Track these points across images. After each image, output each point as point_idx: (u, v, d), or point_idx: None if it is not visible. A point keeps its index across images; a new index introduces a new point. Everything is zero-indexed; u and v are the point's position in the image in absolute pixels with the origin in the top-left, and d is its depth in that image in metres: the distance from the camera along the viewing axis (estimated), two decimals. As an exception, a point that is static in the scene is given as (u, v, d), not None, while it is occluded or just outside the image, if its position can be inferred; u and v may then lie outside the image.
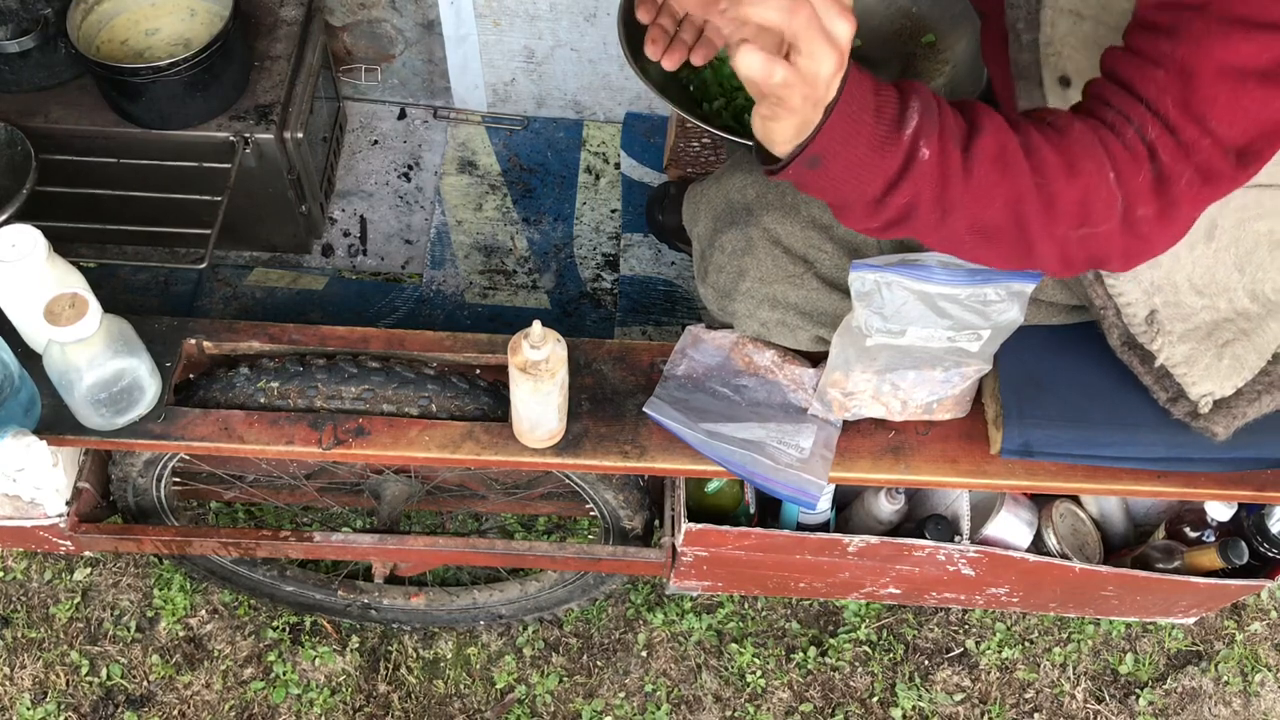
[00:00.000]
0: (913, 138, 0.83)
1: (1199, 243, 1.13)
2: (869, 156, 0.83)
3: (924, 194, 0.86)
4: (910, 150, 0.84)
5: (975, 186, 0.86)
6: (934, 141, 0.84)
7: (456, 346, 1.36)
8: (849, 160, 0.83)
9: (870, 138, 0.83)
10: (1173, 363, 1.19)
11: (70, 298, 1.12)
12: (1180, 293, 1.16)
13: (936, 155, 0.84)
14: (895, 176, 0.85)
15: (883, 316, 1.17)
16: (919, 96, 0.85)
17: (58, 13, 1.41)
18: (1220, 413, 1.20)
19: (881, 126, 0.83)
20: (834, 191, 0.86)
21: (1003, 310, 1.16)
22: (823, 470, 1.26)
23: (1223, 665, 2.00)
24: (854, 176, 0.85)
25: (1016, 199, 0.88)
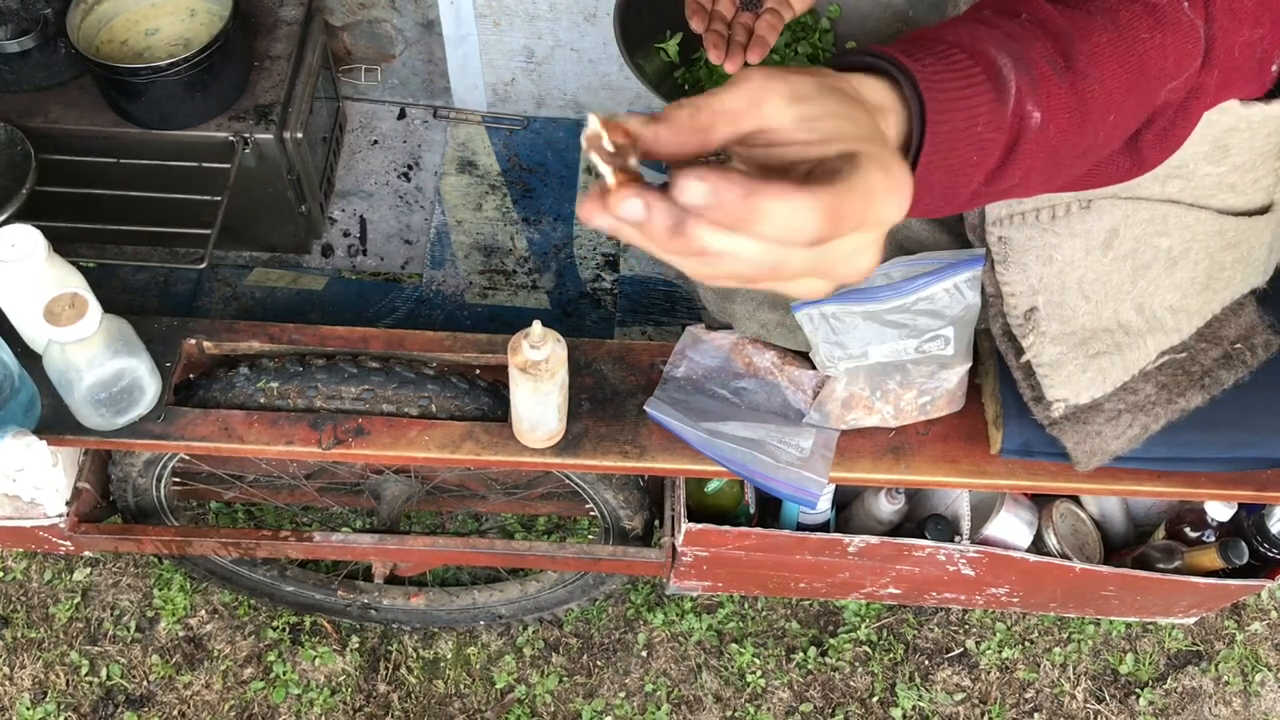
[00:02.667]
0: (1017, 107, 0.63)
1: (1096, 249, 1.13)
2: (971, 155, 0.63)
3: (1036, 160, 0.66)
4: (1018, 123, 0.63)
5: (1090, 107, 0.67)
6: (1041, 95, 0.63)
7: (456, 346, 1.36)
8: (948, 172, 0.63)
9: (971, 136, 0.62)
10: (1039, 362, 1.18)
11: (70, 298, 1.12)
12: (1067, 293, 1.15)
13: (1047, 109, 0.64)
14: (1003, 157, 0.65)
15: (842, 346, 1.18)
16: (998, 46, 0.63)
17: (57, 13, 1.41)
18: (1074, 424, 1.20)
19: (980, 117, 0.61)
20: (929, 200, 0.65)
21: (956, 303, 1.17)
22: (823, 469, 1.26)
23: (1223, 665, 2.00)
24: (951, 186, 0.64)
25: (1129, 87, 0.69)
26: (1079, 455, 1.21)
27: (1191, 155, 1.08)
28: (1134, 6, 0.69)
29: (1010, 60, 0.62)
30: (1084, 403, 1.19)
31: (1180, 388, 1.18)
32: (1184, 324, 1.18)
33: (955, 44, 0.63)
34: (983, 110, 0.61)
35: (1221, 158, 1.08)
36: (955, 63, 0.61)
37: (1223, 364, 1.19)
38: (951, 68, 0.61)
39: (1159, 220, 1.12)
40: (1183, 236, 1.13)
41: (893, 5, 1.41)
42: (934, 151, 0.60)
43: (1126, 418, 1.19)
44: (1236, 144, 1.07)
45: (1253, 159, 1.09)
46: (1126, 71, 0.68)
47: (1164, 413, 1.18)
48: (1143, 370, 1.19)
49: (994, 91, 0.62)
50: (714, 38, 1.19)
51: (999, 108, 0.62)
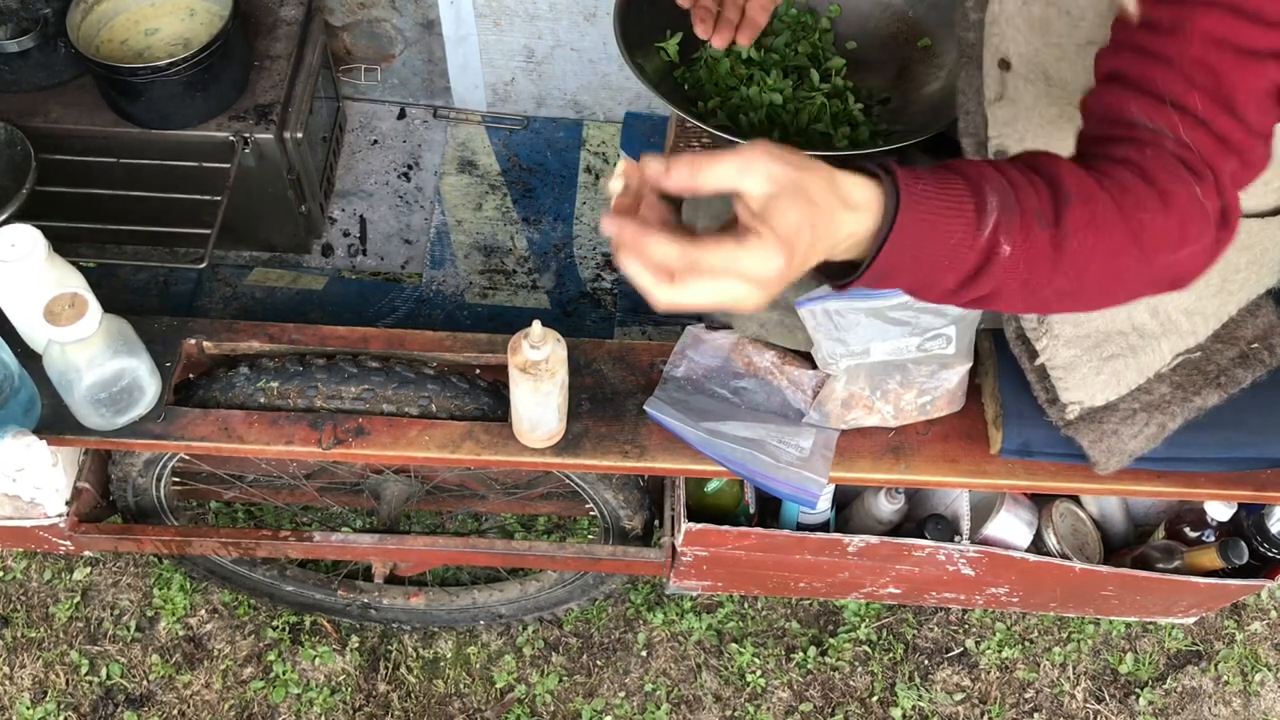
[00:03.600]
0: (991, 237, 0.78)
1: None
2: (942, 261, 0.79)
3: (1008, 283, 0.81)
4: (989, 250, 0.78)
5: (1068, 262, 0.81)
6: (1016, 234, 0.78)
7: (456, 346, 1.36)
8: (918, 269, 0.79)
9: (941, 246, 0.78)
10: (1053, 365, 1.19)
11: (70, 297, 1.12)
12: None
13: (1020, 247, 0.79)
14: (973, 273, 0.80)
15: (844, 343, 1.18)
16: (993, 186, 0.79)
17: (57, 12, 1.41)
18: (1089, 425, 1.20)
19: (953, 234, 0.77)
20: (904, 285, 0.83)
21: None
22: (823, 469, 1.26)
23: (1223, 665, 2.00)
24: (926, 280, 0.81)
25: (1114, 253, 0.83)
26: (1097, 455, 1.21)
27: None
28: (1145, 190, 0.82)
29: (999, 201, 0.78)
30: (1099, 405, 1.19)
31: (1196, 386, 1.18)
32: (1199, 326, 1.18)
33: (964, 176, 0.79)
34: (958, 228, 0.77)
35: None
36: (951, 188, 0.78)
37: (1239, 363, 1.19)
38: (944, 192, 0.77)
39: None
40: None
41: (893, 5, 1.41)
42: (900, 247, 0.76)
43: (1142, 416, 1.19)
44: None
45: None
46: (1114, 240, 0.81)
47: (1180, 411, 1.18)
48: (1157, 372, 1.19)
49: (975, 217, 0.77)
50: (701, 12, 1.20)
51: (975, 231, 0.77)
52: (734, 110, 1.32)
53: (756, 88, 1.32)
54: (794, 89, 1.33)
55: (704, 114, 1.32)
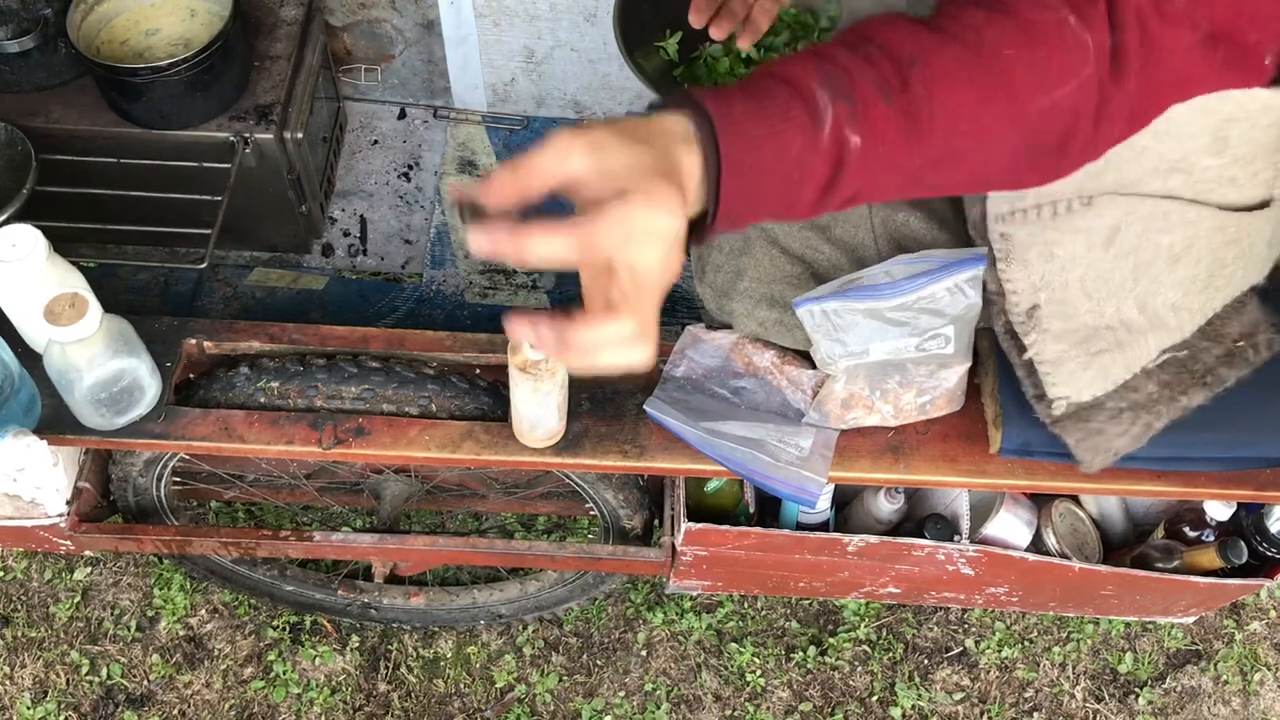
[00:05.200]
0: (834, 134, 0.70)
1: (1098, 246, 1.13)
2: (792, 177, 0.71)
3: (873, 174, 0.73)
4: (837, 148, 0.71)
5: (929, 128, 0.73)
6: (860, 120, 0.71)
7: (456, 346, 1.36)
8: (770, 194, 0.72)
9: (784, 163, 0.70)
10: (1041, 359, 1.18)
11: (70, 297, 1.12)
12: (1069, 290, 1.15)
13: (871, 132, 0.71)
14: (830, 177, 0.73)
15: (842, 344, 1.18)
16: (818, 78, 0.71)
17: (57, 13, 1.41)
18: (1076, 422, 1.20)
19: (792, 145, 0.70)
20: (767, 214, 0.75)
21: (957, 301, 1.17)
22: (823, 468, 1.26)
23: (1222, 664, 2.00)
24: (784, 201, 0.73)
25: (980, 104, 0.74)
26: (1082, 454, 1.21)
27: (1192, 148, 1.08)
28: (1002, 25, 0.74)
29: (830, 92, 0.70)
30: (1086, 400, 1.19)
31: (1182, 385, 1.18)
32: (1186, 322, 1.18)
33: (785, 79, 0.71)
34: (795, 138, 0.70)
35: (1221, 149, 1.08)
36: (770, 99, 0.70)
37: (1225, 362, 1.19)
38: (764, 106, 0.70)
39: (1160, 217, 1.12)
40: (1184, 233, 1.13)
41: (892, 7, 1.41)
42: (740, 180, 0.69)
43: (1128, 415, 1.19)
44: (1236, 135, 1.07)
45: (1253, 150, 1.09)
46: (977, 88, 0.73)
47: (1166, 410, 1.18)
48: (1144, 368, 1.19)
49: (809, 121, 0.70)
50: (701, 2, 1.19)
51: (813, 134, 0.70)
52: (733, 110, 1.32)
53: (756, 88, 1.32)
54: (793, 89, 1.33)
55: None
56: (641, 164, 0.66)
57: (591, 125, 0.68)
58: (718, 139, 0.69)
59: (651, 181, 0.65)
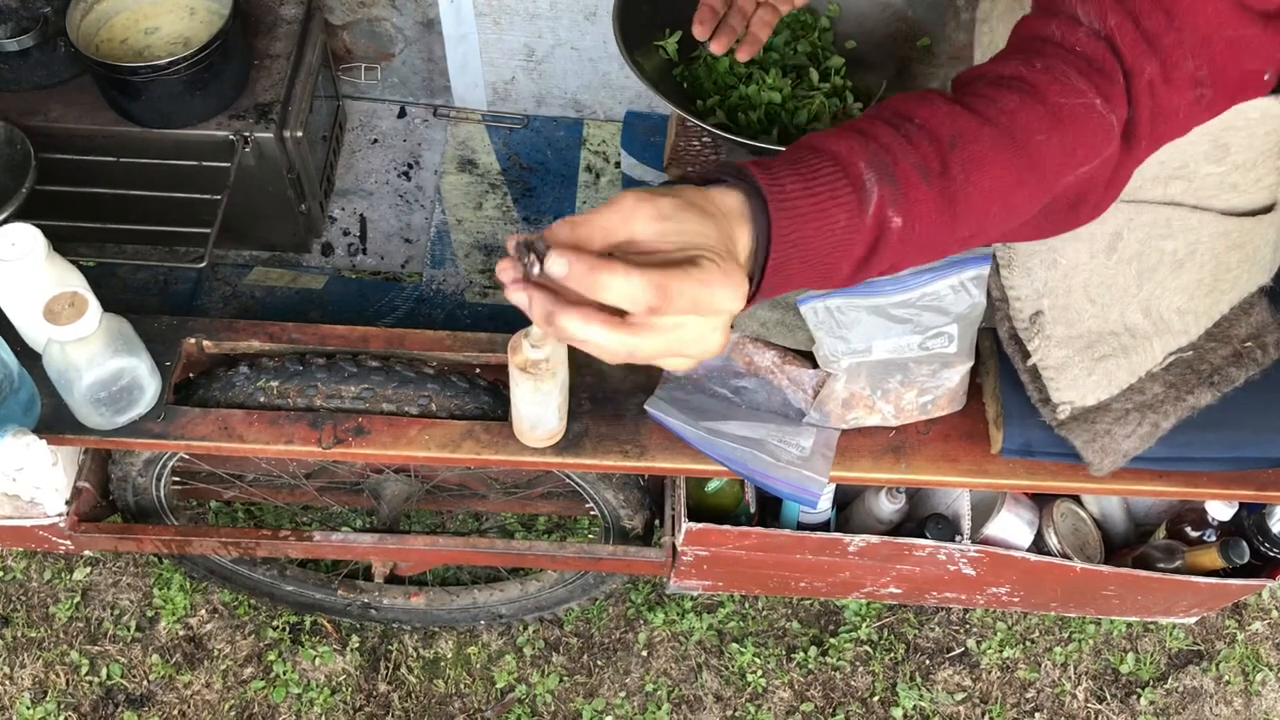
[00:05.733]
0: (877, 215, 0.72)
1: (1100, 253, 1.13)
2: (832, 253, 0.73)
3: (906, 252, 0.76)
4: (878, 228, 0.73)
5: (964, 210, 0.76)
6: (902, 202, 0.73)
7: (456, 346, 1.36)
8: (809, 268, 0.73)
9: (827, 240, 0.72)
10: (1045, 365, 1.18)
11: (70, 297, 1.12)
12: (1072, 296, 1.15)
13: (910, 214, 0.73)
14: (866, 254, 0.74)
15: (845, 341, 1.18)
16: (865, 157, 0.72)
17: (57, 11, 1.41)
18: (1082, 425, 1.20)
19: (837, 224, 0.71)
20: (802, 285, 0.76)
21: (961, 300, 1.17)
22: (824, 468, 1.26)
23: (1224, 665, 1.99)
24: (820, 274, 0.74)
25: (1012, 187, 0.77)
26: (1091, 456, 1.21)
27: (1192, 155, 1.08)
28: (1035, 110, 0.76)
29: (876, 174, 0.72)
30: (1090, 405, 1.19)
31: (1189, 385, 1.18)
32: (1191, 326, 1.18)
33: (832, 157, 0.72)
34: (841, 217, 0.71)
35: (1222, 157, 1.08)
36: (821, 177, 0.71)
37: (1232, 362, 1.18)
38: (813, 183, 0.71)
39: (1162, 223, 1.12)
40: (1187, 239, 1.13)
41: (892, 5, 1.40)
42: (785, 255, 0.71)
43: (1135, 416, 1.18)
44: (1236, 142, 1.07)
45: (1253, 157, 1.09)
46: (1013, 172, 0.75)
47: (1173, 410, 1.18)
48: (1149, 372, 1.19)
49: (855, 202, 0.71)
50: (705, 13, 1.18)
51: (858, 215, 0.72)
52: (733, 109, 1.32)
53: (755, 86, 1.32)
54: (793, 88, 1.33)
55: (703, 112, 1.31)
56: (709, 237, 0.67)
57: (656, 192, 0.67)
58: (770, 217, 0.70)
59: (726, 260, 0.66)
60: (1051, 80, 0.77)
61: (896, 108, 0.77)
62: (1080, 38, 0.78)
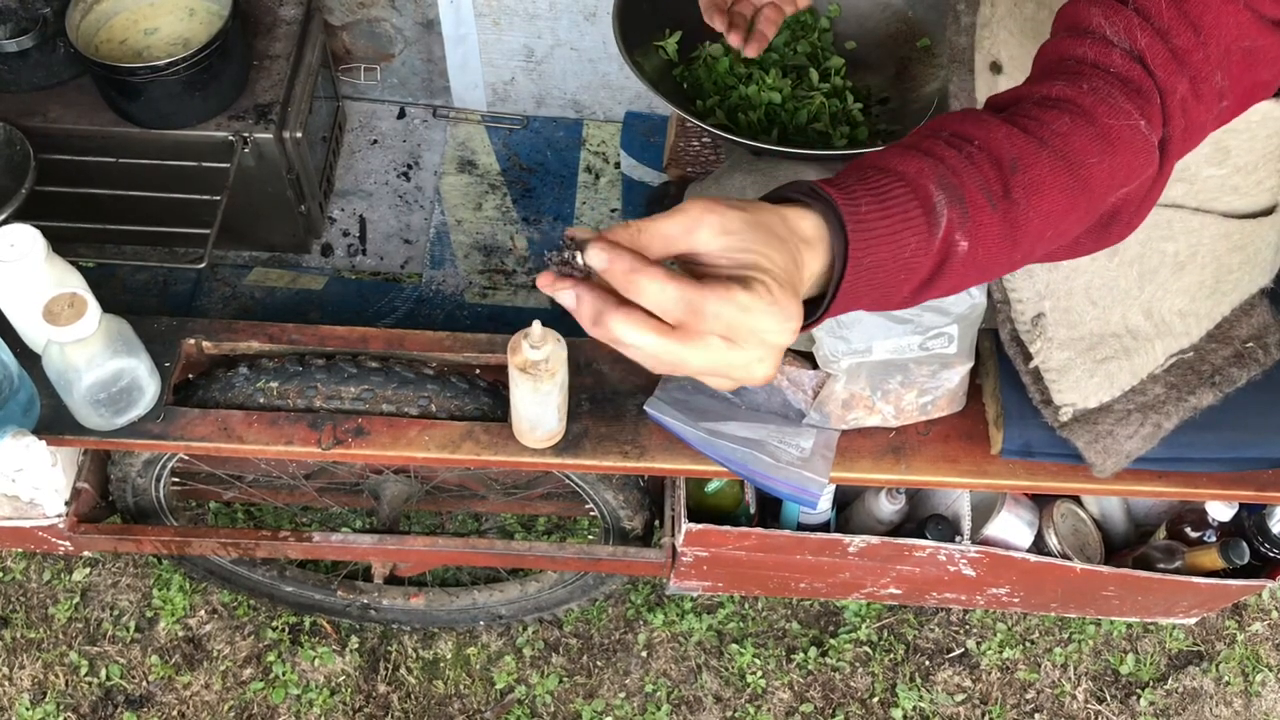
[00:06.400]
0: (945, 238, 0.71)
1: (1102, 255, 1.13)
2: (898, 275, 0.71)
3: (966, 276, 0.75)
4: (945, 252, 0.72)
5: (1021, 234, 0.75)
6: (970, 226, 0.71)
7: (456, 346, 1.36)
8: (875, 291, 0.71)
9: (896, 263, 0.70)
10: (1046, 367, 1.19)
11: (69, 297, 1.12)
12: (1074, 298, 1.16)
13: (975, 238, 0.72)
14: (929, 277, 0.73)
15: (846, 340, 1.18)
16: (935, 180, 0.71)
17: (56, 12, 1.41)
18: (1084, 426, 1.20)
19: (907, 248, 0.70)
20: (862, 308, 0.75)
21: (961, 301, 1.17)
22: (824, 469, 1.26)
23: (1224, 665, 1.99)
24: (883, 297, 0.73)
25: (1065, 211, 0.76)
26: (1093, 457, 1.21)
27: (1193, 159, 1.08)
28: (1086, 132, 0.75)
29: (946, 197, 0.70)
30: (1092, 406, 1.19)
31: (1190, 386, 1.18)
32: (1193, 327, 1.18)
33: (900, 177, 0.70)
34: (911, 241, 0.69)
35: (1223, 160, 1.08)
36: (892, 198, 0.69)
37: (1234, 362, 1.18)
38: (887, 206, 0.69)
39: (1164, 225, 1.12)
40: (1189, 241, 1.13)
41: (892, 5, 1.40)
42: (856, 278, 0.68)
43: (1137, 417, 1.18)
44: (1237, 145, 1.07)
45: (1254, 160, 1.09)
46: (1068, 195, 0.75)
47: (1175, 411, 1.18)
48: (1151, 373, 1.19)
49: (925, 226, 0.69)
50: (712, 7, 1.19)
51: (928, 239, 0.70)
52: (733, 109, 1.31)
53: (755, 87, 1.32)
54: (793, 88, 1.33)
55: (703, 113, 1.31)
56: (773, 261, 0.64)
57: (726, 204, 0.65)
58: (848, 240, 0.67)
59: (781, 288, 0.63)
60: (1098, 102, 0.76)
61: (952, 128, 0.75)
62: (1115, 59, 0.77)
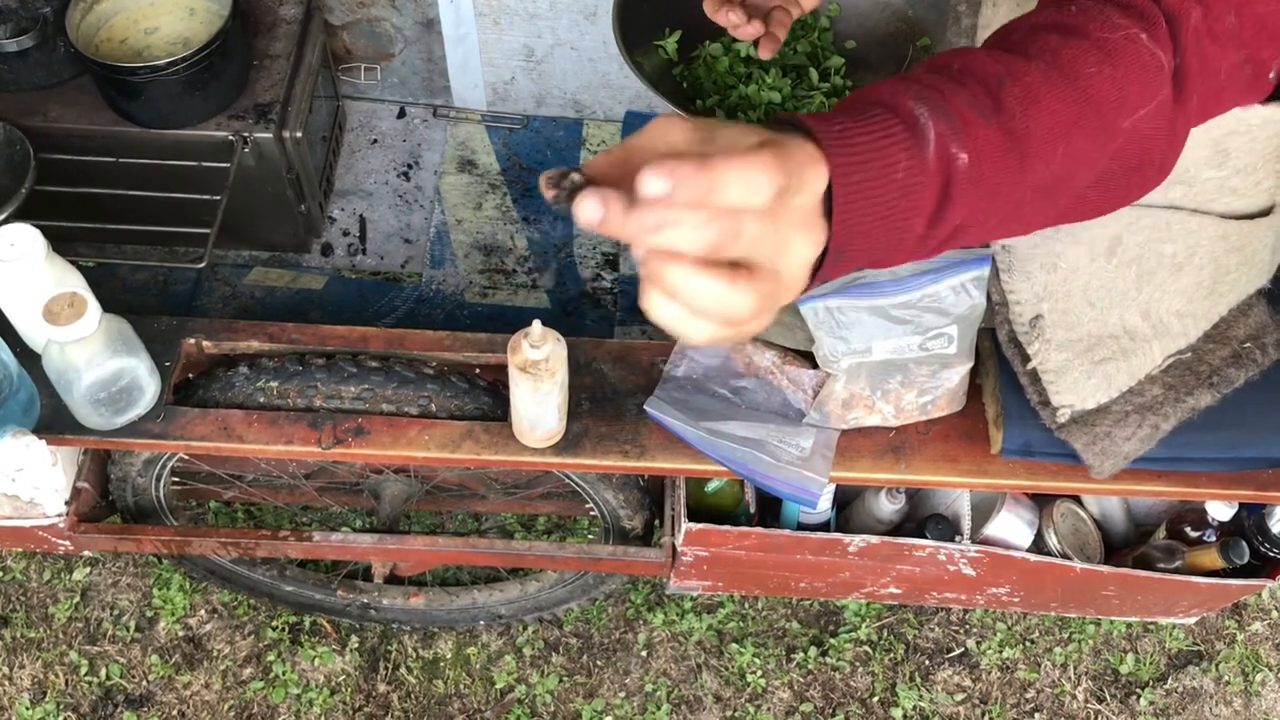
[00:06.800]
0: (939, 149, 0.65)
1: (1100, 256, 1.13)
2: (900, 202, 0.64)
3: (979, 200, 0.68)
4: (944, 165, 0.65)
5: (1028, 148, 0.68)
6: (964, 136, 0.66)
7: (456, 346, 1.36)
8: (878, 222, 0.64)
9: (891, 184, 0.63)
10: (1044, 368, 1.19)
11: (69, 297, 1.12)
12: (1072, 300, 1.15)
13: (975, 148, 0.66)
14: (938, 202, 0.66)
15: (845, 341, 1.18)
16: (914, 96, 0.65)
17: (56, 12, 1.41)
18: (1082, 428, 1.20)
19: (898, 164, 0.63)
20: (869, 257, 0.67)
21: (961, 301, 1.17)
22: (824, 468, 1.26)
23: (1224, 665, 1.99)
24: (893, 233, 0.66)
25: (1073, 124, 0.70)
26: (1091, 458, 1.21)
27: (1192, 160, 1.08)
28: (1079, 45, 0.71)
29: (928, 109, 0.65)
30: (1090, 408, 1.19)
31: (1188, 387, 1.18)
32: (1191, 328, 1.18)
33: (876, 102, 0.65)
34: (901, 157, 0.63)
35: (1222, 162, 1.08)
36: (871, 118, 0.63)
37: (1232, 363, 1.18)
38: (865, 124, 0.63)
39: (1162, 227, 1.12)
40: (1187, 242, 1.13)
41: (892, 4, 1.40)
42: (848, 198, 0.62)
43: (1135, 418, 1.18)
44: (1236, 147, 1.07)
45: (1253, 162, 1.09)
46: (1068, 106, 0.69)
47: (1173, 412, 1.18)
48: (1148, 374, 1.19)
49: (911, 139, 0.64)
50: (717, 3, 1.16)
51: (918, 153, 0.64)
52: (733, 109, 1.31)
53: (755, 86, 1.32)
54: (793, 88, 1.33)
55: (703, 112, 1.31)
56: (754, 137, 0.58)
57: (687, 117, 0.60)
58: (826, 155, 0.61)
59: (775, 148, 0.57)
60: (1088, 19, 0.72)
61: (931, 62, 0.71)
62: None
